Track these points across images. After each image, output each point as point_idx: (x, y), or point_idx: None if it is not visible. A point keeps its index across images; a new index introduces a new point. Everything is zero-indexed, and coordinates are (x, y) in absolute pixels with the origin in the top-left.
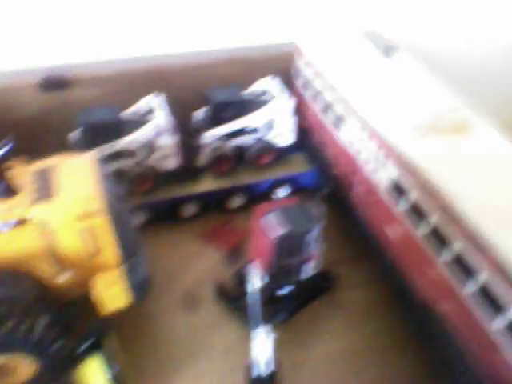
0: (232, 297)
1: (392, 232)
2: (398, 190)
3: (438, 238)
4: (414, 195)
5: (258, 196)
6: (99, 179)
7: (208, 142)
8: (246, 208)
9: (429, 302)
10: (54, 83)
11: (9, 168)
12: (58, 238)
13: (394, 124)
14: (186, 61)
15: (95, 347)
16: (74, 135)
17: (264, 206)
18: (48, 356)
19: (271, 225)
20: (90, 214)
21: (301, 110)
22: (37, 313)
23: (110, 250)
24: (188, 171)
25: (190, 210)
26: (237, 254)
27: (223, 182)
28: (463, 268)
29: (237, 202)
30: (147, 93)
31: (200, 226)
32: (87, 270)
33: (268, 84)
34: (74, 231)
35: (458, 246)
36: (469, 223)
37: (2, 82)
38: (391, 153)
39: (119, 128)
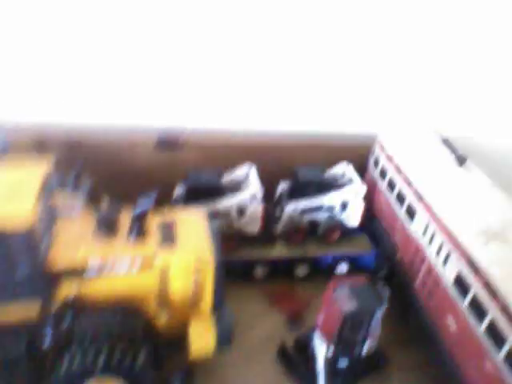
0: (293, 360)
1: (451, 323)
2: (461, 284)
3: (495, 335)
4: (475, 291)
5: (322, 269)
6: (210, 234)
7: (287, 213)
8: (310, 277)
9: None
10: (168, 144)
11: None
12: (172, 282)
13: (463, 225)
14: (277, 140)
15: None
16: (179, 191)
17: (336, 280)
18: None
19: (342, 299)
20: (203, 265)
21: (372, 196)
22: (141, 345)
23: (208, 298)
24: (265, 237)
25: (261, 272)
26: (298, 319)
27: (293, 251)
28: None
29: (302, 271)
30: (241, 163)
31: (268, 288)
32: (185, 314)
33: (344, 168)
34: (186, 277)
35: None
36: None
37: (126, 137)
38: (458, 249)
39: (218, 191)
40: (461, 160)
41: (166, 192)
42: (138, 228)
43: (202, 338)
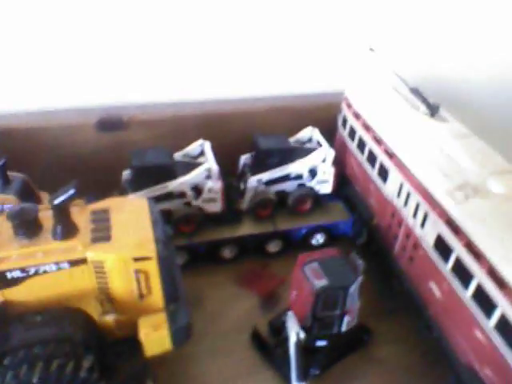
0: (267, 344)
1: (436, 289)
2: (443, 247)
3: (483, 300)
4: (457, 254)
5: (296, 242)
6: (152, 223)
7: (252, 186)
8: (283, 253)
9: (470, 364)
10: (110, 124)
11: (68, 209)
12: (111, 279)
13: (439, 181)
14: (234, 107)
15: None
16: (126, 175)
17: (305, 255)
18: None
19: (312, 276)
20: (143, 258)
21: (344, 159)
22: (82, 354)
23: (156, 293)
24: (230, 214)
25: (229, 252)
26: (272, 300)
27: (262, 227)
28: (508, 332)
29: (274, 246)
30: (196, 137)
31: (238, 269)
32: (133, 311)
33: (310, 133)
34: (126, 273)
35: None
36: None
37: (64, 119)
38: (435, 209)
39: (170, 170)
40: (432, 109)
41: (115, 178)
42: (63, 225)
43: (154, 335)
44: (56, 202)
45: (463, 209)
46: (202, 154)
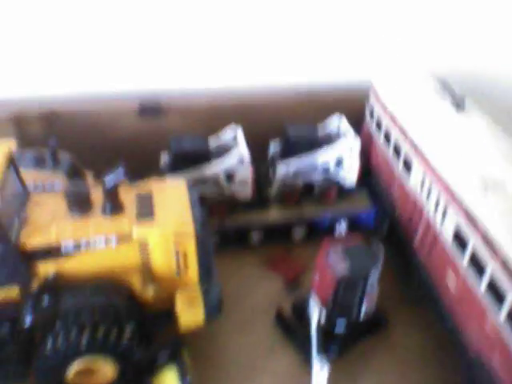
0: (290, 325)
1: (451, 281)
2: (460, 239)
3: (495, 293)
4: (474, 246)
5: (319, 230)
6: (190, 204)
7: (280, 174)
8: (307, 240)
9: (481, 354)
10: (150, 110)
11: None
12: (153, 254)
13: (460, 175)
14: (266, 97)
15: (171, 359)
16: (165, 158)
17: (329, 242)
18: (129, 362)
19: (335, 261)
20: (183, 236)
21: (370, 149)
22: (125, 321)
23: (192, 270)
24: (259, 201)
25: (256, 237)
26: (296, 283)
27: (288, 214)
28: None
29: (299, 234)
30: (229, 123)
31: (264, 253)
32: (171, 285)
33: (337, 122)
34: (167, 250)
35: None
36: None
37: (105, 106)
38: (455, 202)
39: (205, 155)
40: (458, 103)
41: (153, 161)
42: (112, 202)
43: (189, 310)
44: (107, 182)
45: (481, 202)
46: (234, 139)
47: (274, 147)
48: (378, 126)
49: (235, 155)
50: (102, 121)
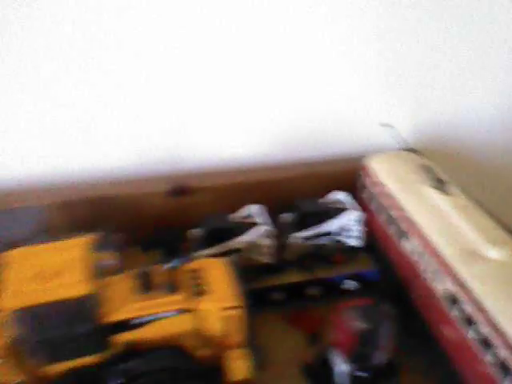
0: (318, 376)
1: (446, 332)
2: (450, 299)
3: (485, 343)
4: (465, 307)
5: (331, 287)
6: (235, 278)
7: (294, 241)
8: (321, 298)
9: None
10: (180, 191)
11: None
12: (207, 323)
13: (447, 244)
14: (276, 174)
15: None
16: (195, 233)
17: (345, 303)
18: None
19: (353, 319)
20: (234, 308)
21: (367, 219)
22: (187, 380)
23: (240, 334)
24: (276, 265)
25: (277, 296)
26: (316, 336)
27: (302, 275)
28: (506, 369)
29: (314, 292)
30: (248, 201)
31: (284, 311)
32: (220, 347)
33: (339, 195)
34: (219, 320)
35: (501, 353)
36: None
37: (136, 188)
38: (446, 269)
39: (231, 231)
40: (440, 183)
41: (178, 236)
42: (172, 282)
43: (238, 364)
44: (171, 265)
45: (465, 269)
46: (248, 216)
47: (284, 218)
48: (370, 197)
49: (262, 229)
50: (137, 201)
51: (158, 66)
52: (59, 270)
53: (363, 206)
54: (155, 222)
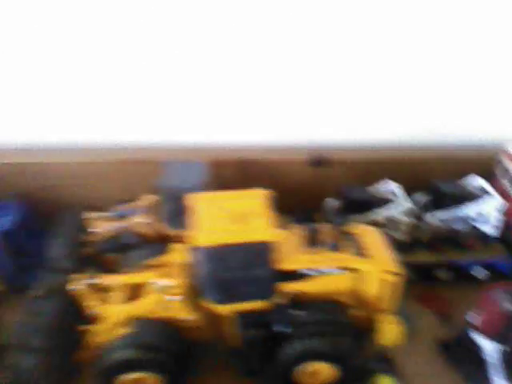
0: (459, 355)
1: None
2: None
3: None
4: None
5: (460, 273)
6: (391, 246)
7: (430, 223)
8: (450, 282)
9: None
10: (319, 162)
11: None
12: (365, 284)
13: None
14: (412, 154)
15: (385, 369)
16: (332, 203)
17: (493, 285)
18: (348, 368)
19: (502, 301)
20: (394, 273)
21: (507, 205)
22: (345, 333)
23: (395, 299)
24: (409, 244)
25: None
26: (447, 318)
27: (434, 257)
28: None
29: (444, 275)
30: (381, 178)
31: (413, 290)
32: (373, 309)
33: (476, 181)
34: (377, 281)
35: None
36: None
37: (278, 156)
38: None
39: (372, 204)
40: None
41: (315, 205)
42: (336, 240)
43: (392, 330)
44: (335, 223)
45: None
46: (386, 192)
47: (419, 198)
48: None
49: (398, 205)
50: (280, 168)
51: None
52: (246, 215)
53: (502, 192)
54: (293, 189)
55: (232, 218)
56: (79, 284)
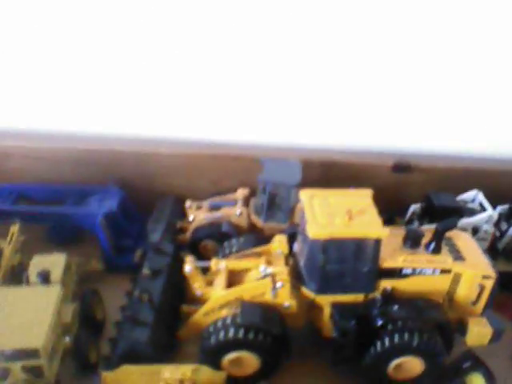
0: None
1: None
2: None
3: None
4: None
5: None
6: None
7: (509, 233)
8: None
9: None
10: (402, 167)
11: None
12: (460, 287)
13: None
14: (494, 166)
15: (473, 367)
16: (415, 208)
17: None
18: (436, 363)
19: None
20: (490, 278)
21: None
22: (437, 332)
23: (483, 303)
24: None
25: None
26: None
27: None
28: None
29: None
30: (464, 188)
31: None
32: (463, 311)
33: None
34: (472, 285)
35: None
36: None
37: (361, 160)
38: None
39: (454, 210)
40: None
41: (398, 209)
42: (436, 244)
43: (481, 332)
44: (441, 226)
45: None
46: (471, 200)
47: (499, 209)
48: None
49: (486, 214)
50: (364, 171)
51: None
52: (357, 212)
53: None
54: (377, 193)
55: (343, 214)
56: (189, 266)
